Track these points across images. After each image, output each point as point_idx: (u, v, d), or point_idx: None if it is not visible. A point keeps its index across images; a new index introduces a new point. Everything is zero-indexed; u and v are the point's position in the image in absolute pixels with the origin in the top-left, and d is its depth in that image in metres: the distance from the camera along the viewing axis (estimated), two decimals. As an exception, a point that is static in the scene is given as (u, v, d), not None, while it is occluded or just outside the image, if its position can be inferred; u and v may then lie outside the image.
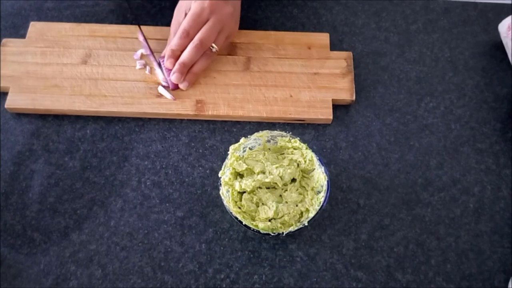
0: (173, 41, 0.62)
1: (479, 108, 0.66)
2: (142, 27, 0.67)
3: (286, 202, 0.55)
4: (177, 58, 0.62)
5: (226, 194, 0.54)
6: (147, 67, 0.65)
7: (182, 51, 0.62)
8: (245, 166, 0.55)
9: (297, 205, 0.55)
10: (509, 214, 0.59)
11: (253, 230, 0.51)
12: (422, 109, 0.66)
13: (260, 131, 0.56)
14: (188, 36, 0.61)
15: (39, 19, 0.70)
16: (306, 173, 0.57)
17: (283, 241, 0.57)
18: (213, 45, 0.62)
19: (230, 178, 0.55)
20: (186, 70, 0.63)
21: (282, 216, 0.54)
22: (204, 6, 0.61)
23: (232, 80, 0.65)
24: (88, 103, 0.62)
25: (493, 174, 0.61)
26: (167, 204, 0.58)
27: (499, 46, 0.70)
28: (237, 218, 0.52)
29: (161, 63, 0.65)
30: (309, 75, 0.66)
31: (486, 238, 0.57)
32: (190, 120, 0.64)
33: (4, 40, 0.67)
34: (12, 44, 0.66)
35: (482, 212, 0.59)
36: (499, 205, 0.59)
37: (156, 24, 0.70)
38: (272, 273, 0.55)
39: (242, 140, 0.56)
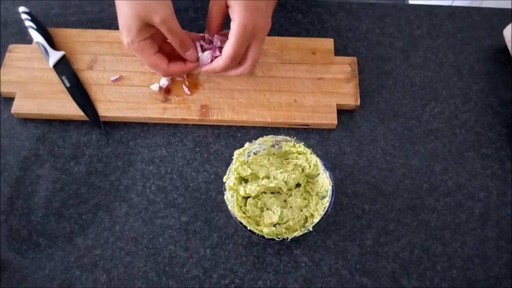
0: (220, 64, 0.57)
1: (484, 113, 0.66)
2: None
3: (291, 207, 0.55)
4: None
5: (230, 199, 0.54)
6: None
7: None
8: (249, 171, 0.55)
9: (301, 210, 0.55)
10: (515, 220, 0.58)
11: (258, 235, 0.51)
12: (427, 114, 0.65)
13: (265, 136, 0.56)
14: (236, 60, 0.56)
15: (45, 25, 0.70)
16: (310, 178, 0.57)
17: (288, 246, 0.57)
18: None
19: (234, 183, 0.55)
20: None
21: (286, 221, 0.54)
22: (248, 29, 0.54)
23: (236, 85, 0.65)
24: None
25: (499, 179, 0.61)
26: (172, 209, 0.58)
27: (504, 51, 0.70)
28: (241, 223, 0.52)
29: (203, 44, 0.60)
30: (313, 80, 0.66)
31: (492, 243, 0.57)
32: (195, 125, 0.64)
33: (10, 46, 0.67)
34: (18, 50, 0.67)
35: (488, 217, 0.59)
36: (505, 211, 0.59)
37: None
38: (277, 278, 0.55)
39: (246, 145, 0.56)
